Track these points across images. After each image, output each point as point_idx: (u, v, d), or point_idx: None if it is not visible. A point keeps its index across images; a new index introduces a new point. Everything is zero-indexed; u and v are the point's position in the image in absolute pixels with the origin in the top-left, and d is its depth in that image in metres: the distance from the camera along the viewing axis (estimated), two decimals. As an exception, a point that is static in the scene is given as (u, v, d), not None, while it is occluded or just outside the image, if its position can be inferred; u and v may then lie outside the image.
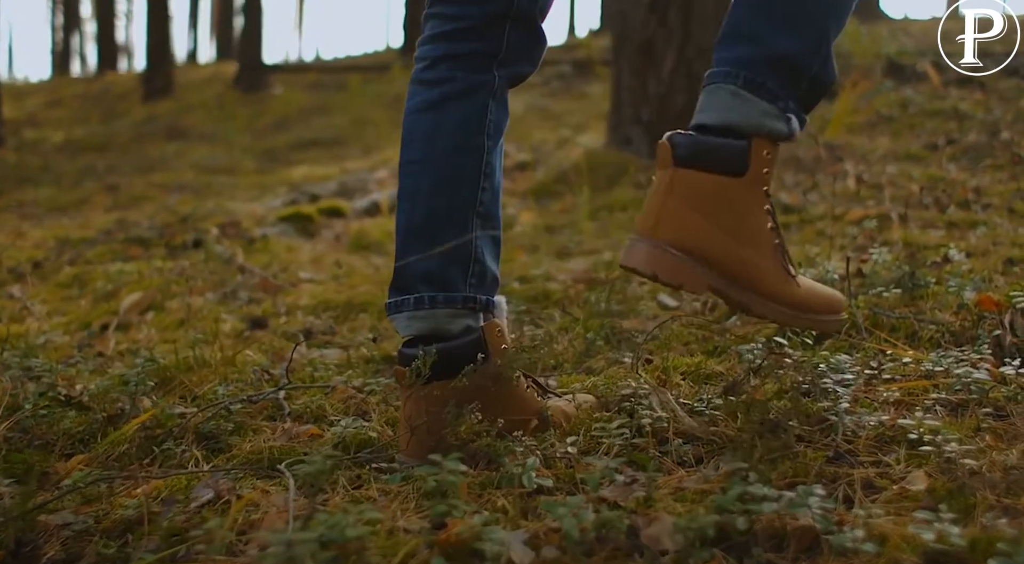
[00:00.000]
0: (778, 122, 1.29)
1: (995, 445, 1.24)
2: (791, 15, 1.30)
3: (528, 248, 3.18)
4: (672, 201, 1.28)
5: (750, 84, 1.28)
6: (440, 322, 1.34)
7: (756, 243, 1.31)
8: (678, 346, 1.93)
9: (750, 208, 1.30)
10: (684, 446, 1.31)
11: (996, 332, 1.76)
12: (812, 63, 1.30)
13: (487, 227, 1.38)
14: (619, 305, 2.32)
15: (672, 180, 1.28)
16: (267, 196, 4.48)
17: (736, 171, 1.28)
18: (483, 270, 1.37)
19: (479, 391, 1.33)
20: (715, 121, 1.29)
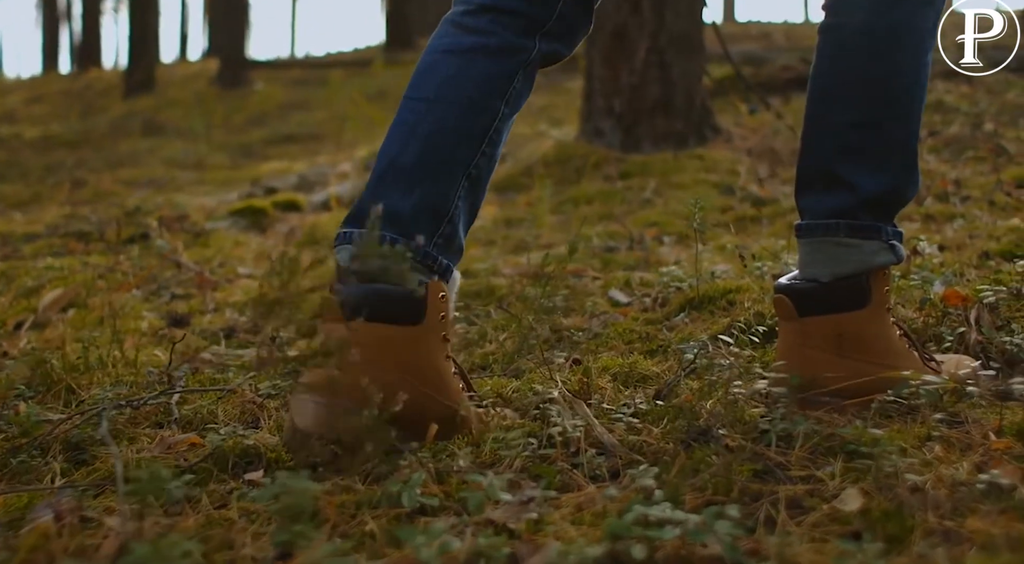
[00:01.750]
0: (885, 255, 1.33)
1: (945, 457, 1.10)
2: (873, 153, 1.32)
3: (484, 242, 3.03)
4: (810, 352, 1.31)
5: (852, 231, 1.32)
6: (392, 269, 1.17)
7: (897, 357, 1.34)
8: (619, 345, 1.79)
9: (882, 333, 1.34)
10: (598, 458, 1.17)
11: (960, 329, 1.62)
12: (905, 193, 1.35)
13: (472, 194, 1.29)
14: (566, 301, 2.17)
15: (803, 332, 1.32)
16: (229, 191, 4.32)
17: (860, 304, 1.32)
18: (452, 233, 1.28)
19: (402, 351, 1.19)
20: (828, 277, 1.33)
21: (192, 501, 1.10)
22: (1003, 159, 3.89)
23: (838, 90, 1.37)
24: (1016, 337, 1.53)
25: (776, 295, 1.37)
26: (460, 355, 1.75)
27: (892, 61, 1.35)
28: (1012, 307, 1.68)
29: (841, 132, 1.35)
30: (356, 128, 7.82)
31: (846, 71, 1.37)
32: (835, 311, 1.33)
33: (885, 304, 1.37)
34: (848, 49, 1.37)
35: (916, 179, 1.38)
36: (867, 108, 1.34)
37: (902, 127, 1.35)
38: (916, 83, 1.36)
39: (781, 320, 1.38)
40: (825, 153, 1.36)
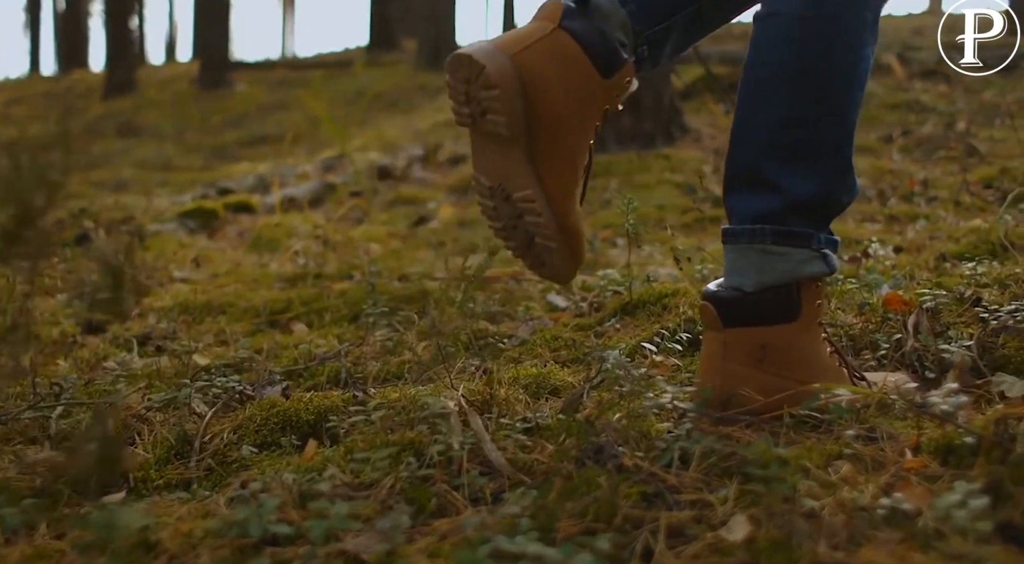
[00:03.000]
0: (816, 264, 1.23)
1: (851, 478, 1.01)
2: (803, 153, 1.23)
3: (434, 244, 2.93)
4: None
5: (779, 237, 1.22)
6: None
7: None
8: (544, 352, 1.69)
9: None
10: (481, 479, 1.07)
11: (897, 336, 1.53)
12: (840, 196, 1.26)
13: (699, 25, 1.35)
14: (503, 306, 2.08)
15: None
16: (192, 192, 4.22)
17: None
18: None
19: None
20: (753, 286, 1.23)
21: (30, 529, 1.01)
22: (974, 159, 3.81)
23: (768, 85, 1.26)
24: (953, 345, 1.44)
25: (702, 302, 1.27)
26: (377, 363, 1.66)
27: (827, 55, 1.24)
28: (954, 312, 1.60)
29: (769, 130, 1.25)
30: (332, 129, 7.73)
31: (777, 64, 1.26)
32: (761, 323, 1.23)
33: (816, 318, 1.27)
34: (781, 41, 1.26)
35: (852, 184, 1.28)
36: (798, 105, 1.24)
37: (836, 127, 1.25)
38: (853, 80, 1.26)
39: (705, 329, 1.28)
40: (752, 152, 1.25)
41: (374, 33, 13.02)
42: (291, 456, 1.23)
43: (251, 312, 2.13)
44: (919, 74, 6.17)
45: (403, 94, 9.35)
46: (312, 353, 1.72)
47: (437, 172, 4.27)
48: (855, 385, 1.30)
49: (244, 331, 2.00)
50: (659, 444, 1.08)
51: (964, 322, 1.56)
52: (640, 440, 1.14)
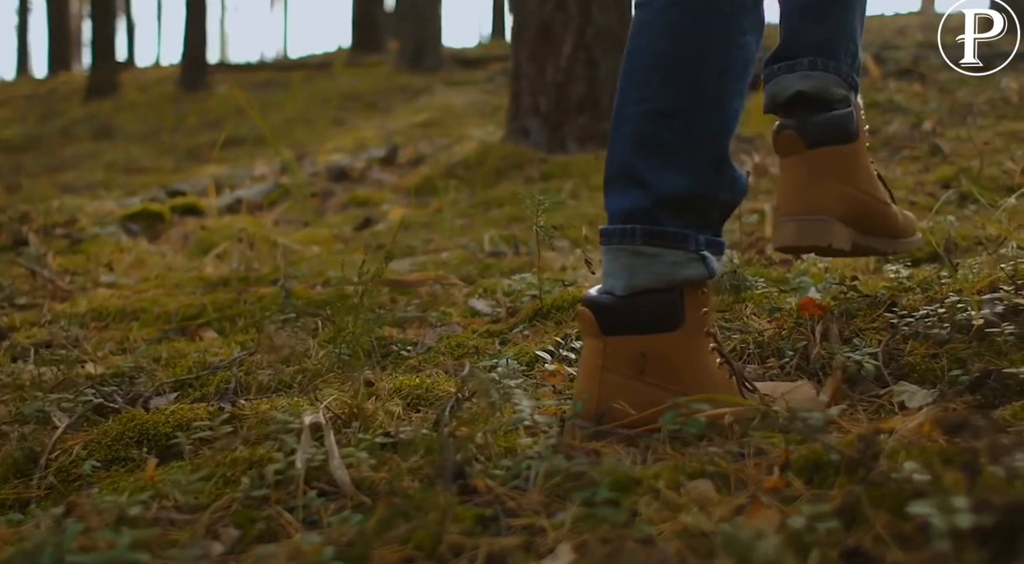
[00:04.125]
0: (692, 267, 1.16)
1: (705, 499, 0.94)
2: (671, 145, 1.15)
3: (373, 247, 2.86)
4: (612, 376, 1.15)
5: (649, 237, 1.15)
6: (828, 84, 1.41)
7: (710, 388, 1.17)
8: (447, 360, 1.62)
9: (700, 356, 1.18)
10: (319, 500, 1.00)
11: (803, 343, 1.46)
12: (716, 192, 1.17)
13: (861, 16, 1.45)
14: (421, 311, 2.01)
15: (605, 352, 1.15)
16: (143, 194, 4.15)
17: (674, 324, 1.16)
18: (855, 52, 1.45)
19: (846, 161, 1.42)
20: (624, 290, 1.15)
21: None
22: (937, 159, 3.75)
23: (639, 74, 1.20)
24: (857, 352, 1.37)
25: (580, 308, 1.20)
26: (270, 372, 1.59)
27: (699, 42, 1.18)
28: (868, 317, 1.53)
29: (640, 122, 1.18)
30: (313, 130, 7.67)
31: (649, 52, 1.20)
32: (641, 331, 1.16)
33: (702, 327, 1.19)
34: (654, 27, 1.20)
35: (732, 180, 1.20)
36: (669, 94, 1.17)
37: (709, 118, 1.17)
38: (727, 68, 1.19)
39: (584, 336, 1.21)
40: (623, 146, 1.18)
41: (358, 34, 12.95)
42: (139, 473, 1.16)
43: (163, 318, 2.06)
44: (894, 73, 6.11)
45: (382, 95, 9.28)
46: (206, 362, 1.65)
47: (396, 173, 4.21)
48: (744, 397, 1.23)
49: (150, 338, 1.93)
50: (505, 462, 1.01)
51: (876, 328, 1.49)
52: (504, 457, 1.08)
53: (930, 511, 0.78)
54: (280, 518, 0.97)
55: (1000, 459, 0.86)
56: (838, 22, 1.42)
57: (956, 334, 1.40)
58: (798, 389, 1.27)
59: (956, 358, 1.34)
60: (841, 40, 1.42)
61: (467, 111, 7.63)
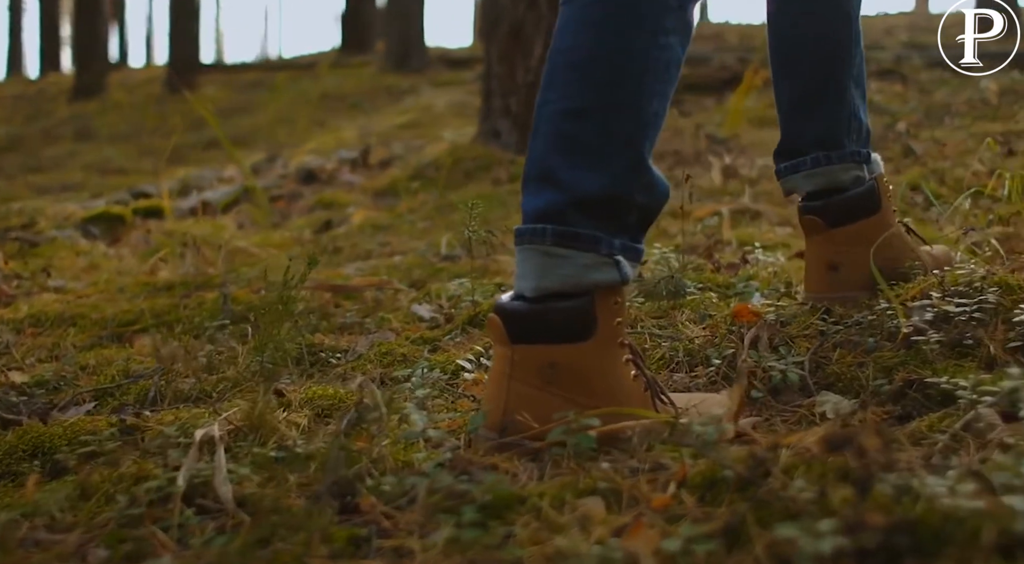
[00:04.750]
0: (604, 271, 1.12)
1: (590, 519, 0.90)
2: (587, 145, 1.12)
3: (331, 251, 2.83)
4: (519, 386, 1.10)
5: (560, 238, 1.10)
6: (835, 176, 1.48)
7: (627, 398, 1.14)
8: (374, 368, 1.59)
9: (612, 367, 1.14)
10: (196, 518, 0.97)
11: (730, 351, 1.43)
12: (632, 194, 1.14)
13: (859, 87, 1.49)
14: (363, 317, 1.97)
15: (515, 362, 1.11)
16: (109, 196, 4.11)
17: (585, 335, 1.12)
18: (860, 126, 1.49)
19: (868, 234, 1.47)
20: (532, 291, 1.11)
21: None
22: (908, 160, 3.71)
23: (560, 72, 1.16)
24: (781, 362, 1.34)
25: (490, 315, 1.16)
26: (192, 380, 1.55)
27: (619, 41, 1.14)
28: (802, 324, 1.49)
29: (556, 120, 1.14)
30: (295, 130, 7.62)
31: (569, 50, 1.16)
32: (550, 340, 1.12)
33: (616, 338, 1.16)
34: (575, 24, 1.17)
35: (650, 183, 1.17)
36: (585, 93, 1.13)
37: (627, 119, 1.14)
38: (647, 69, 1.15)
39: (494, 344, 1.17)
40: (540, 145, 1.15)
41: (347, 35, 12.91)
42: (25, 489, 1.12)
43: (100, 324, 2.02)
44: (876, 74, 6.07)
45: (367, 96, 9.23)
46: (129, 370, 1.61)
47: (367, 175, 4.17)
48: (657, 410, 1.19)
49: (82, 344, 1.89)
50: (389, 479, 0.97)
51: (808, 335, 1.46)
52: (397, 472, 1.04)
53: (797, 534, 0.74)
54: (154, 538, 0.93)
55: (884, 476, 0.83)
56: (834, 111, 1.47)
57: (885, 342, 1.36)
58: (711, 400, 1.23)
59: (883, 367, 1.31)
60: (841, 125, 1.47)
61: (450, 112, 7.59)
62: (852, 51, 1.47)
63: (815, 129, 1.48)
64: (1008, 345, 1.29)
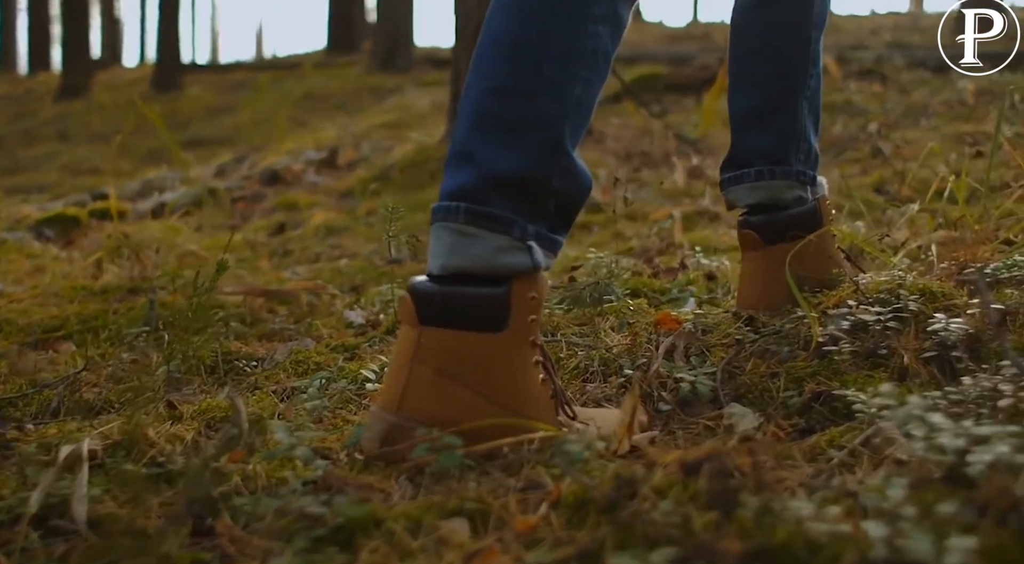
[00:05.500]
0: (516, 255, 1.09)
1: (448, 541, 0.86)
2: (505, 123, 1.10)
3: (280, 254, 2.78)
4: (421, 369, 1.07)
5: (473, 217, 1.07)
6: (777, 192, 1.48)
7: (527, 403, 1.10)
8: (287, 379, 1.54)
9: (520, 363, 1.11)
10: (45, 540, 0.92)
11: (643, 360, 1.38)
12: (549, 178, 1.11)
13: (812, 109, 1.50)
14: (294, 323, 1.93)
15: (422, 344, 1.07)
16: (68, 197, 4.06)
17: (497, 325, 1.09)
18: (809, 149, 1.50)
19: (805, 254, 1.42)
20: (439, 268, 1.09)
21: None
22: (877, 161, 3.67)
23: (487, 52, 1.14)
24: (692, 372, 1.30)
25: (401, 294, 1.12)
26: (99, 390, 1.51)
27: (544, 23, 1.11)
28: (722, 333, 1.45)
29: (479, 99, 1.12)
30: (276, 130, 7.58)
31: (497, 31, 1.13)
32: (460, 326, 1.08)
33: (528, 336, 1.12)
34: (505, 7, 1.14)
35: (570, 169, 1.13)
36: (509, 73, 1.11)
37: (548, 101, 1.11)
38: (573, 55, 1.12)
39: (402, 324, 1.12)
40: (463, 125, 1.12)
41: (334, 34, 12.87)
42: None
43: (27, 329, 1.97)
44: (856, 74, 6.04)
45: (351, 96, 9.19)
46: (37, 379, 1.57)
47: (334, 176, 4.13)
48: (561, 419, 1.15)
49: (1, 351, 1.84)
50: (241, 500, 0.93)
51: (727, 344, 1.42)
52: (268, 490, 1.00)
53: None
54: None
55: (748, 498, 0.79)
56: (785, 126, 1.47)
57: (800, 352, 1.32)
58: (610, 414, 1.19)
59: (794, 378, 1.27)
60: (790, 142, 1.47)
61: (434, 112, 7.54)
62: (808, 72, 1.48)
63: (763, 142, 1.48)
64: (923, 355, 1.25)
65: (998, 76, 5.24)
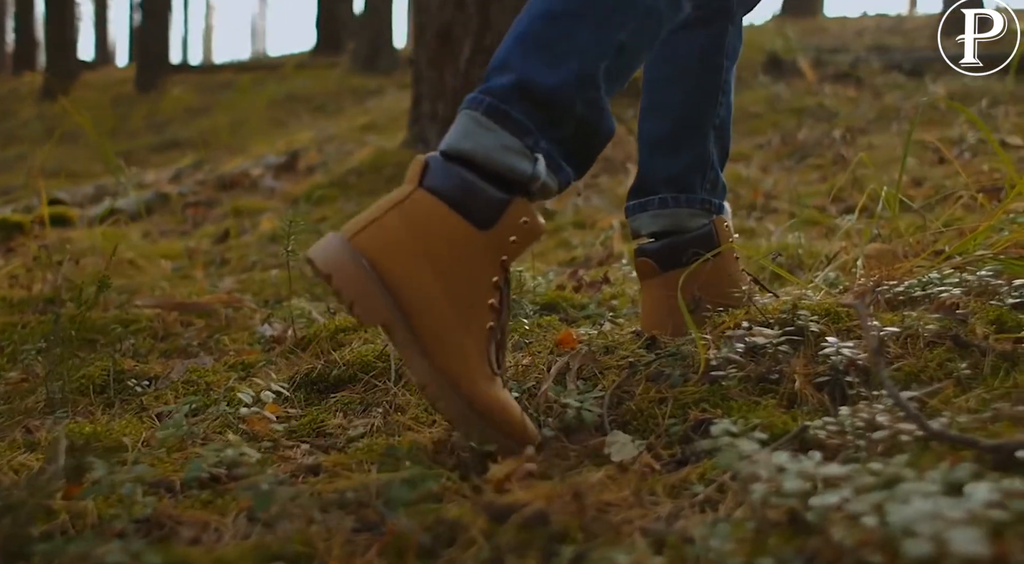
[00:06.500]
0: (520, 160, 1.12)
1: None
2: (548, 43, 1.15)
3: (218, 262, 2.72)
4: (398, 218, 1.09)
5: (494, 111, 1.12)
6: (681, 220, 1.46)
7: (466, 311, 1.10)
8: (175, 400, 1.49)
9: (479, 270, 1.11)
10: None
11: (528, 384, 1.33)
12: (575, 105, 1.14)
13: (720, 139, 1.49)
14: (208, 336, 1.87)
15: (411, 198, 1.10)
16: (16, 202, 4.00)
17: (481, 222, 1.11)
18: (716, 177, 1.49)
19: (703, 278, 1.40)
20: (447, 146, 1.13)
21: None
22: (838, 167, 3.62)
23: None
24: (579, 397, 1.24)
25: (417, 156, 1.15)
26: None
27: None
28: (621, 355, 1.39)
29: (529, 21, 1.17)
30: (254, 132, 7.52)
31: None
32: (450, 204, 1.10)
33: (502, 254, 1.12)
34: None
35: (598, 105, 1.16)
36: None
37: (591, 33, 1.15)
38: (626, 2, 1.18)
39: (407, 181, 1.14)
40: (508, 42, 1.17)
41: (322, 35, 12.80)
42: None
43: (-69, 344, 1.91)
44: (831, 77, 5.98)
45: (333, 97, 9.13)
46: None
47: (293, 181, 4.07)
48: (484, 341, 1.13)
49: (-101, 368, 1.78)
50: (41, 547, 0.87)
51: (622, 366, 1.36)
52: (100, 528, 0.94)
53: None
54: None
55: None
56: (692, 154, 1.46)
57: (693, 375, 1.27)
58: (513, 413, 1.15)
59: (681, 404, 1.21)
60: (696, 170, 1.46)
61: (403, 117, 7.49)
62: (718, 101, 1.48)
63: (670, 169, 1.47)
64: (816, 379, 1.19)
65: (971, 80, 5.21)
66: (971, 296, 1.38)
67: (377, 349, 1.49)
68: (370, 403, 1.37)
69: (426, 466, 1.08)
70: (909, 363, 1.19)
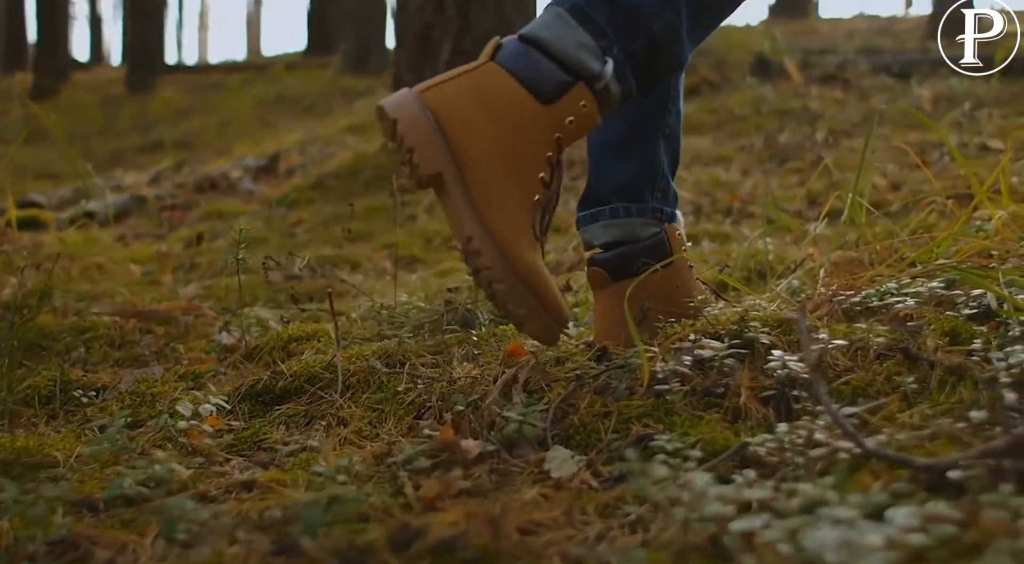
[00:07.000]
0: (592, 59, 1.20)
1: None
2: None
3: (186, 267, 2.70)
4: (468, 81, 1.18)
5: (576, 11, 1.20)
6: (633, 229, 1.44)
7: (519, 177, 1.19)
8: (118, 409, 1.46)
9: (536, 141, 1.20)
10: None
11: (474, 397, 1.30)
12: (652, 22, 1.22)
13: (670, 147, 1.47)
14: (166, 343, 1.85)
15: (482, 68, 1.19)
16: None
17: (544, 97, 1.19)
18: (666, 185, 1.48)
19: (654, 287, 1.39)
20: (526, 31, 1.21)
21: None
22: (816, 170, 3.59)
23: None
24: (521, 411, 1.22)
25: (494, 39, 1.24)
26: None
27: None
28: (574, 366, 1.37)
29: None
30: (241, 133, 7.49)
31: None
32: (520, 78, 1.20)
33: (557, 131, 1.21)
34: None
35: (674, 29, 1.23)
36: None
37: None
38: None
39: (481, 57, 1.22)
40: None
41: (313, 36, 12.78)
42: None
43: None
44: (818, 79, 5.97)
45: (322, 98, 9.11)
46: None
47: (272, 184, 4.04)
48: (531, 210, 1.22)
49: None
50: None
51: (570, 379, 1.34)
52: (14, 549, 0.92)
53: None
54: None
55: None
56: (642, 163, 1.45)
57: (640, 388, 1.24)
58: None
59: (625, 418, 1.19)
60: (646, 179, 1.45)
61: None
62: (667, 109, 1.47)
63: (619, 178, 1.46)
64: (762, 394, 1.17)
65: (958, 82, 5.19)
66: (930, 306, 1.36)
67: (325, 360, 1.46)
68: (314, 415, 1.35)
69: (359, 483, 1.06)
70: (857, 377, 1.17)
